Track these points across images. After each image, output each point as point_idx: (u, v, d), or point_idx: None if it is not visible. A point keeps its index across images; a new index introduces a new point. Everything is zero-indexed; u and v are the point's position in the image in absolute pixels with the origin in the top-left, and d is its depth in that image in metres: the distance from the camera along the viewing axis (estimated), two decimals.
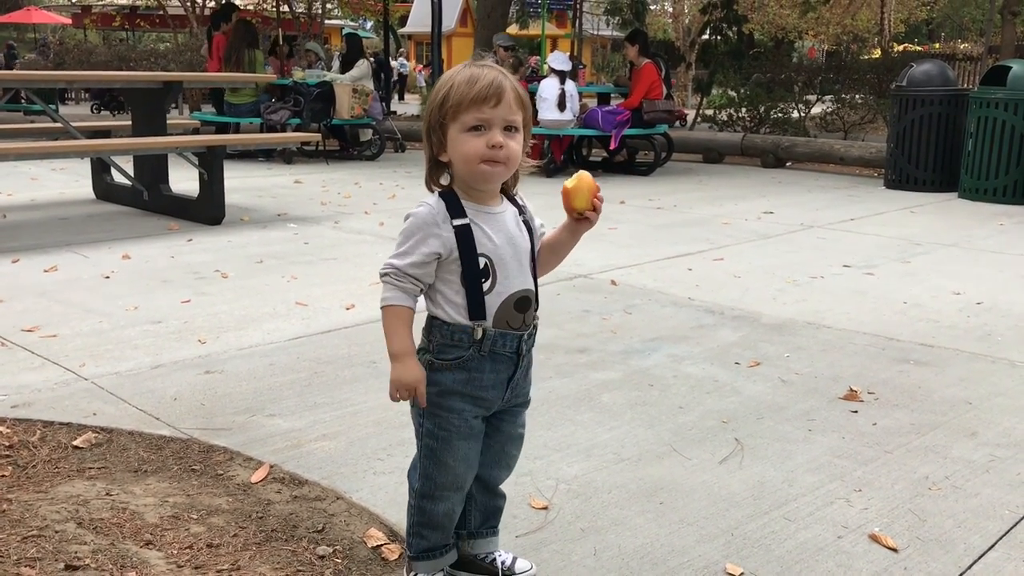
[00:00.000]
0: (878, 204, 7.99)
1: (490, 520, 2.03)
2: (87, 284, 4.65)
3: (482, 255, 1.78)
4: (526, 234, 1.86)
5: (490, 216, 1.81)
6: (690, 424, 2.97)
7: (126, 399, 3.07)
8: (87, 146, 6.52)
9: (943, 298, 4.67)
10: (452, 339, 1.81)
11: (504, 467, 1.99)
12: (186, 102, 16.31)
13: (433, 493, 1.88)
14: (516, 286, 1.82)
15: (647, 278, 4.99)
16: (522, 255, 1.83)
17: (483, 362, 1.81)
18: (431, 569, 1.95)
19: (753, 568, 2.11)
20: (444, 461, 1.85)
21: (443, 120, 1.75)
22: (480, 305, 1.79)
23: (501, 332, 1.81)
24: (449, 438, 1.84)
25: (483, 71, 1.74)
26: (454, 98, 1.72)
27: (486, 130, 1.73)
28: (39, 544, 2.06)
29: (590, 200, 1.84)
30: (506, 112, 1.73)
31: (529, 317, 1.85)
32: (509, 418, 1.93)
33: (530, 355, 1.90)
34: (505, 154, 1.74)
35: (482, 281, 1.78)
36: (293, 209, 7.22)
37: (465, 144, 1.73)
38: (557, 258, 1.97)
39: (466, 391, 1.82)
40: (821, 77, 14.37)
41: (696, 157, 11.82)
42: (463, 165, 1.75)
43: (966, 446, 2.83)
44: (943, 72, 8.96)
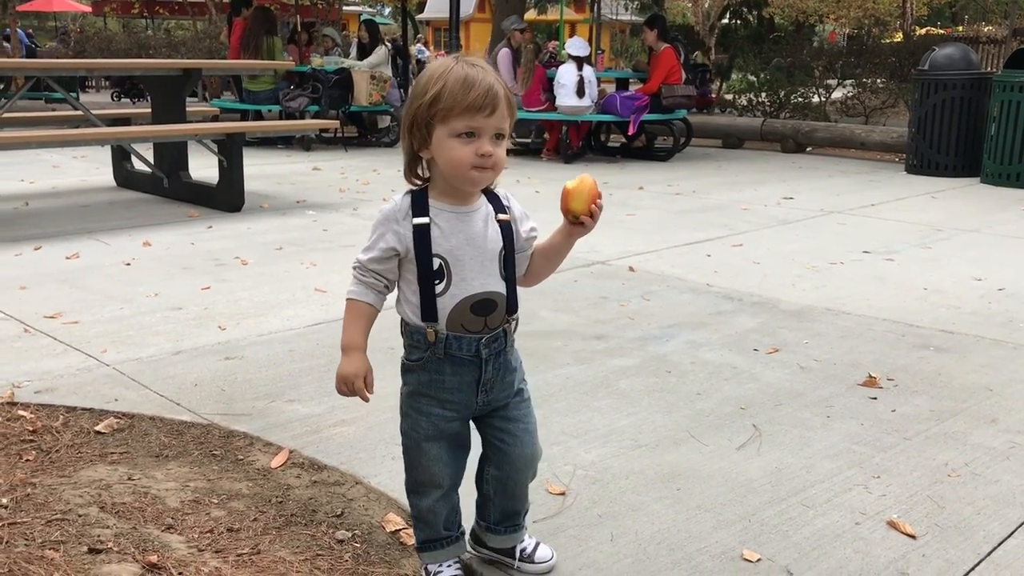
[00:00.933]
0: (899, 189, 7.92)
1: (511, 519, 1.99)
2: (108, 271, 4.70)
3: (437, 255, 1.74)
4: (498, 234, 1.79)
5: (455, 215, 1.76)
6: (708, 410, 2.97)
7: (147, 385, 3.10)
8: (107, 134, 6.56)
9: (964, 284, 4.63)
10: (413, 340, 1.81)
11: (518, 467, 1.92)
12: (206, 89, 16.37)
13: (416, 489, 1.91)
14: (475, 288, 1.76)
15: (665, 264, 4.98)
16: (487, 256, 1.78)
17: (442, 364, 1.79)
18: (435, 560, 1.95)
19: (770, 554, 2.11)
20: (418, 460, 1.87)
21: (431, 119, 1.69)
22: (432, 306, 1.76)
23: (456, 335, 1.77)
24: (418, 439, 1.85)
25: (477, 74, 1.67)
26: (446, 101, 1.67)
27: (476, 138, 1.68)
28: (63, 527, 2.09)
29: (588, 204, 1.76)
30: (498, 121, 1.69)
31: (493, 320, 1.80)
32: (500, 419, 1.89)
33: (501, 359, 1.83)
34: (493, 161, 1.70)
35: (435, 282, 1.75)
36: (312, 196, 7.25)
37: (453, 151, 1.69)
38: (551, 264, 1.91)
39: (431, 392, 1.82)
40: (842, 61, 14.22)
41: (715, 142, 11.76)
42: (450, 169, 1.72)
43: (986, 433, 2.81)
44: (966, 55, 8.86)
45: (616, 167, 9.51)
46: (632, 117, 9.62)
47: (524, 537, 2.03)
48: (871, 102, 13.92)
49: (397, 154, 10.51)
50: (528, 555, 2.02)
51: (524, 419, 1.91)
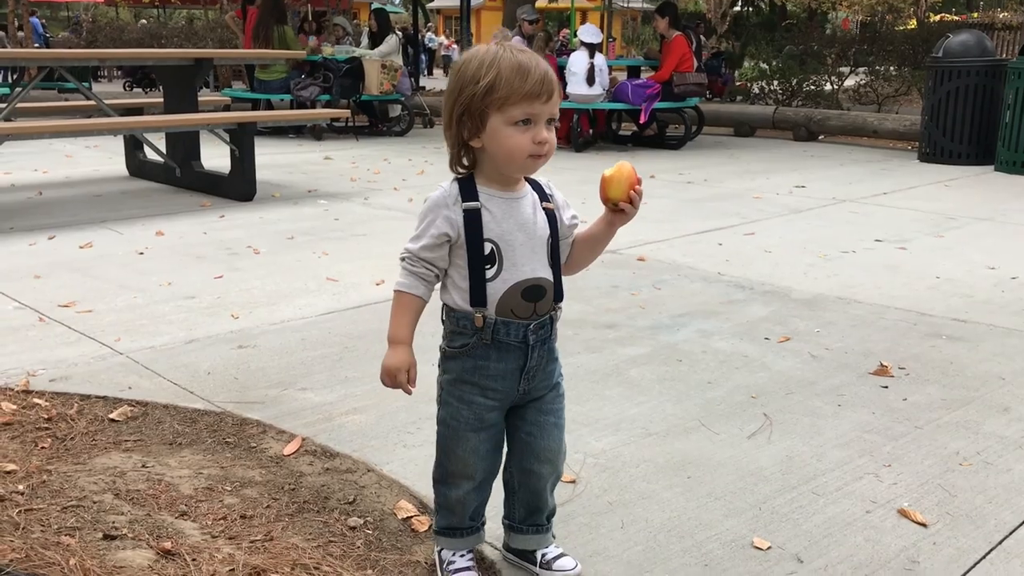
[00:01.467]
0: (912, 178, 7.88)
1: (534, 516, 1.97)
2: (122, 260, 4.72)
3: (488, 240, 1.73)
4: (545, 222, 1.79)
5: (504, 201, 1.76)
6: (719, 399, 2.97)
7: (161, 373, 3.12)
8: (120, 124, 6.59)
9: (977, 273, 4.61)
10: (458, 326, 1.79)
11: (544, 462, 1.90)
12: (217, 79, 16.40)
13: (445, 479, 1.89)
14: (526, 274, 1.76)
15: (677, 253, 4.97)
16: (537, 243, 1.77)
17: (488, 350, 1.78)
18: (453, 547, 1.94)
19: (781, 542, 2.12)
20: (453, 450, 1.86)
21: (485, 108, 1.67)
22: (482, 291, 1.75)
23: (504, 320, 1.76)
24: (458, 428, 1.83)
25: (530, 60, 1.68)
26: (502, 89, 1.65)
27: (532, 125, 1.68)
28: (78, 514, 2.12)
29: (627, 191, 1.76)
30: (552, 108, 1.70)
31: (542, 307, 1.79)
32: (534, 411, 1.88)
33: (547, 346, 1.83)
34: (548, 148, 1.71)
35: (486, 267, 1.74)
36: (323, 185, 7.26)
37: (511, 139, 1.68)
38: (593, 253, 1.91)
39: (474, 380, 1.80)
40: (855, 49, 14.14)
41: (727, 130, 11.72)
42: (505, 158, 1.71)
43: (998, 422, 2.81)
44: (980, 42, 8.79)
45: (627, 155, 9.49)
46: (643, 105, 9.59)
47: (549, 543, 1.99)
48: (884, 90, 13.84)
49: (408, 143, 10.53)
50: (548, 562, 1.97)
51: (556, 413, 1.90)
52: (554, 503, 2.00)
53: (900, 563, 2.04)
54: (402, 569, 1.99)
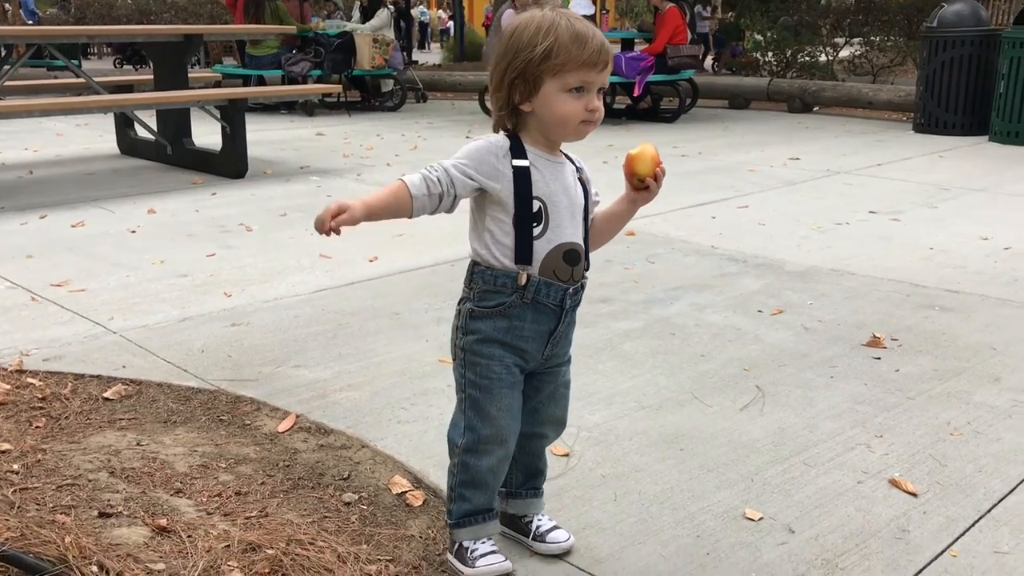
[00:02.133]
0: (906, 149, 7.87)
1: (532, 481, 2.00)
2: (114, 238, 4.71)
3: (537, 198, 1.74)
4: (580, 191, 1.83)
5: (550, 164, 1.78)
6: (711, 372, 2.98)
7: (154, 351, 3.12)
8: (110, 101, 6.54)
9: (970, 244, 4.62)
10: (495, 284, 1.77)
11: (549, 426, 1.95)
12: (208, 55, 16.28)
13: (477, 447, 1.83)
14: (567, 236, 1.78)
15: (670, 227, 4.97)
16: (576, 208, 1.80)
17: (525, 310, 1.77)
18: (474, 536, 1.89)
19: (772, 513, 2.13)
20: (487, 411, 1.81)
21: (541, 74, 1.69)
22: (528, 249, 1.75)
23: (546, 281, 1.77)
24: (491, 387, 1.80)
25: (588, 29, 1.69)
26: (561, 55, 1.67)
27: (585, 92, 1.71)
28: (73, 492, 2.12)
29: (653, 168, 1.82)
30: (606, 77, 1.73)
31: (578, 272, 1.81)
32: (550, 377, 1.90)
33: (574, 313, 1.85)
34: (598, 115, 1.74)
35: (533, 225, 1.75)
36: (315, 162, 7.23)
37: (564, 104, 1.70)
38: (612, 230, 1.93)
39: (506, 339, 1.78)
40: (850, 19, 14.06)
41: (722, 103, 11.68)
42: (557, 123, 1.72)
43: (989, 392, 2.82)
44: (975, 12, 8.75)
45: (621, 129, 9.46)
46: (637, 78, 9.55)
47: (543, 507, 2.02)
48: (879, 61, 13.77)
49: (401, 118, 10.48)
50: (541, 534, 1.98)
51: (567, 383, 1.94)
52: (547, 464, 2.03)
53: (890, 532, 2.06)
54: (397, 543, 2.01)
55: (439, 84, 13.63)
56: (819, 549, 2.00)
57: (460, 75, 13.89)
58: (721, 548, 2.00)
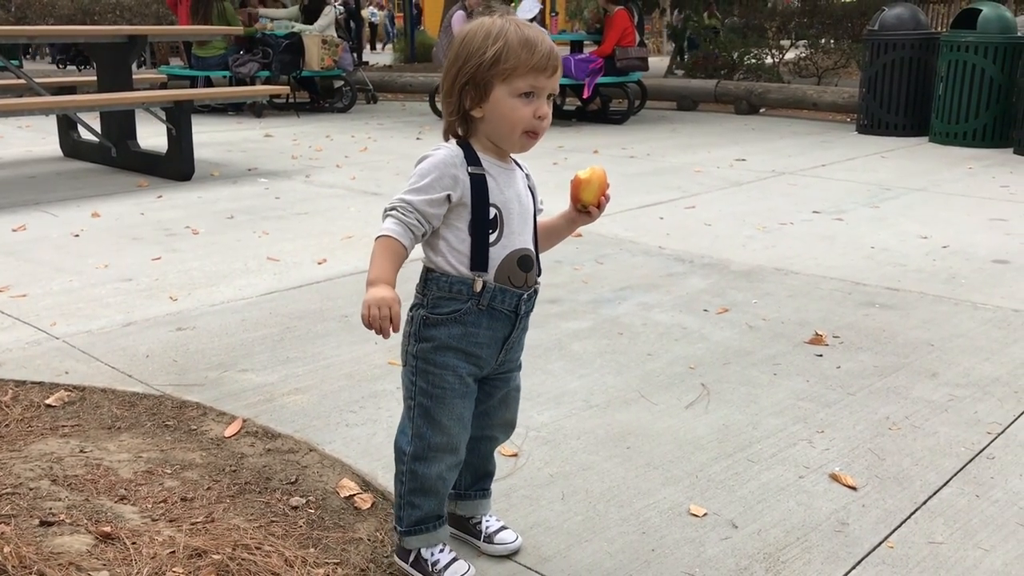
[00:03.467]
0: (849, 149, 8.03)
1: (481, 482, 2.01)
2: (56, 243, 4.63)
3: (493, 205, 1.75)
4: (529, 197, 1.84)
5: (503, 171, 1.79)
6: (658, 371, 3.02)
7: (98, 357, 3.08)
8: (52, 103, 6.42)
9: (910, 242, 4.73)
10: (450, 291, 1.76)
11: (500, 430, 1.97)
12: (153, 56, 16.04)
13: (426, 455, 1.82)
14: (520, 243, 1.80)
15: (618, 227, 5.02)
16: (527, 214, 1.82)
17: (480, 317, 1.77)
18: (425, 543, 1.88)
19: (716, 508, 2.17)
20: (439, 420, 1.80)
21: (491, 79, 1.70)
22: (484, 256, 1.75)
23: (501, 287, 1.77)
24: (444, 396, 1.79)
25: (537, 35, 1.71)
26: (510, 60, 1.68)
27: (535, 98, 1.71)
28: (13, 501, 2.09)
29: (599, 196, 1.84)
30: (555, 83, 1.73)
31: (531, 278, 1.82)
32: (501, 383, 1.90)
33: (528, 319, 1.86)
34: (546, 124, 1.74)
35: (489, 231, 1.76)
36: (264, 163, 7.17)
37: (514, 111, 1.71)
38: (548, 243, 1.94)
39: (460, 346, 1.78)
40: (795, 21, 14.31)
41: (670, 104, 11.80)
42: (506, 129, 1.73)
43: (926, 386, 2.90)
44: (915, 16, 8.95)
45: (571, 130, 9.51)
46: (586, 80, 9.61)
47: (488, 510, 2.03)
48: (824, 63, 14.03)
49: (351, 120, 10.42)
50: (490, 534, 2.00)
51: (518, 388, 1.95)
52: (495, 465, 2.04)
53: (831, 525, 2.11)
54: (345, 546, 2.01)
55: (389, 85, 13.58)
56: (761, 543, 2.04)
57: (411, 76, 13.86)
58: (666, 544, 2.03)
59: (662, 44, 23.05)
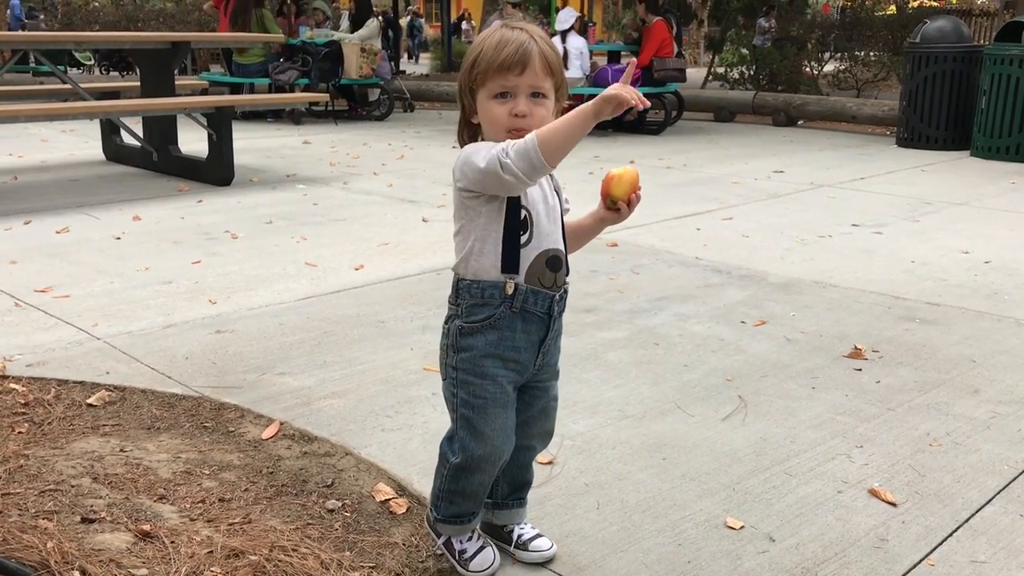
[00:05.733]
0: (889, 163, 7.94)
1: (518, 492, 2.01)
2: (98, 245, 4.70)
3: (524, 206, 1.77)
4: (556, 197, 1.85)
5: None
6: (694, 382, 3.00)
7: (138, 358, 3.12)
8: (96, 107, 6.53)
9: (951, 257, 4.66)
10: (483, 297, 1.77)
11: (539, 440, 1.97)
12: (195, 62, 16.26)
13: (469, 465, 1.83)
14: (549, 243, 1.80)
15: (655, 238, 5.00)
16: (554, 215, 1.82)
17: (514, 320, 1.78)
18: (459, 532, 1.94)
19: (753, 522, 2.15)
20: (482, 431, 1.80)
21: (472, 85, 1.75)
22: (515, 258, 1.76)
23: (533, 289, 1.78)
24: (485, 406, 1.79)
25: (512, 35, 1.71)
26: (482, 63, 1.71)
27: (512, 97, 1.72)
28: (56, 498, 2.12)
29: (629, 193, 1.83)
30: (532, 79, 1.71)
31: (560, 278, 1.83)
32: (541, 391, 1.91)
33: (560, 320, 1.87)
34: (528, 122, 1.71)
35: (520, 233, 1.77)
36: (302, 170, 7.24)
37: (491, 111, 1.73)
38: (576, 243, 1.94)
39: (498, 352, 1.78)
40: (835, 34, 14.18)
41: (707, 116, 11.75)
42: (491, 131, 1.75)
43: (968, 403, 2.85)
44: (957, 28, 8.85)
45: (607, 140, 9.50)
46: None
47: (523, 519, 2.03)
48: (863, 75, 13.90)
49: (388, 128, 10.49)
50: (524, 542, 2.00)
51: (556, 398, 1.96)
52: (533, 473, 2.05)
53: (869, 541, 2.08)
54: (380, 551, 2.01)
55: (427, 94, 13.66)
56: (799, 558, 2.01)
57: (448, 85, 13.93)
58: (702, 556, 2.01)
59: (699, 55, 22.97)
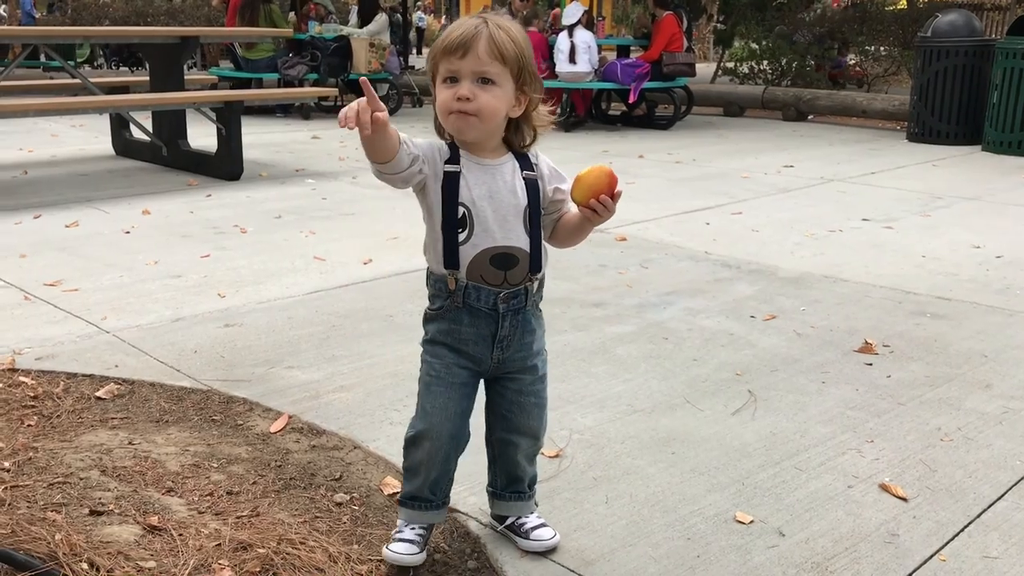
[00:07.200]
0: (900, 157, 7.90)
1: (515, 485, 2.00)
2: (108, 239, 4.70)
3: (462, 204, 1.77)
4: (524, 191, 1.80)
5: (481, 168, 1.79)
6: (704, 376, 2.99)
7: (147, 351, 3.12)
8: (106, 102, 6.54)
9: (962, 251, 4.64)
10: (435, 288, 1.84)
11: (518, 436, 1.94)
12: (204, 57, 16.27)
13: (412, 440, 1.89)
14: (495, 241, 1.78)
15: (664, 232, 4.98)
16: (510, 212, 1.78)
17: (460, 314, 1.81)
18: (412, 519, 1.92)
19: (763, 516, 2.14)
20: (422, 406, 1.87)
21: (433, 73, 1.78)
22: (454, 254, 1.78)
23: (475, 285, 1.79)
24: (429, 383, 1.85)
25: (465, 22, 1.74)
26: (434, 52, 1.75)
27: (459, 82, 1.72)
28: (64, 490, 2.12)
29: (588, 196, 1.73)
30: (474, 64, 1.70)
31: (514, 276, 1.80)
32: (512, 385, 1.90)
33: (521, 316, 1.83)
34: (475, 106, 1.70)
35: (458, 231, 1.78)
36: (311, 164, 7.24)
37: (439, 96, 1.75)
38: (572, 238, 1.89)
39: (447, 342, 1.84)
40: (845, 28, 14.10)
41: (716, 110, 11.71)
42: (440, 116, 1.77)
43: (980, 398, 2.83)
44: (969, 22, 8.79)
45: (616, 135, 9.48)
46: (633, 85, 9.57)
47: (532, 510, 2.02)
48: (873, 70, 13.82)
49: (396, 122, 10.32)
50: (526, 531, 1.99)
51: (537, 395, 1.93)
52: (534, 472, 2.02)
53: (880, 536, 2.06)
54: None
55: None
56: (809, 552, 2.00)
57: None
58: (712, 551, 2.01)
59: (708, 50, 22.88)
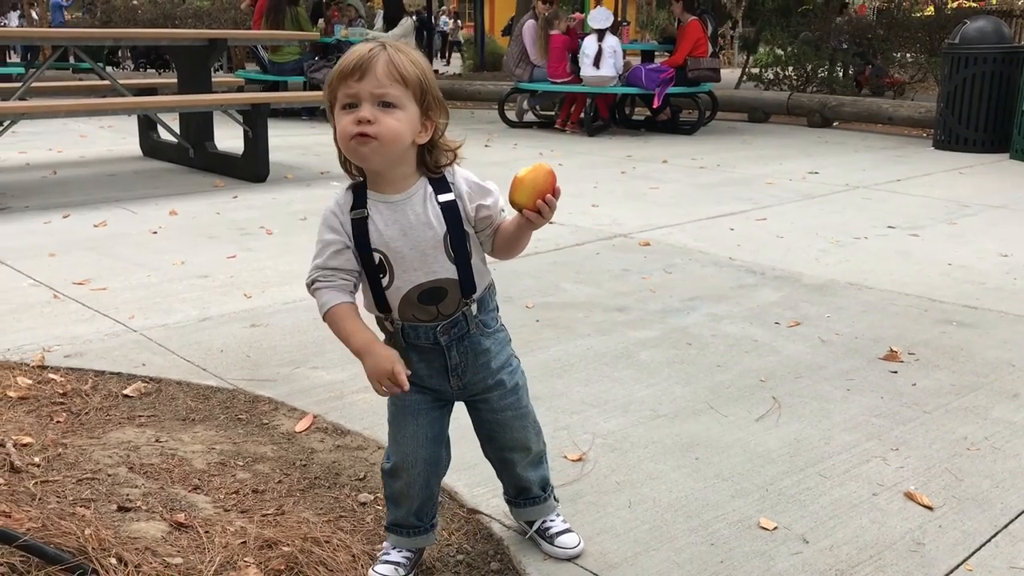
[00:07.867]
0: (926, 165, 7.84)
1: (525, 493, 1.99)
2: (135, 239, 4.75)
3: (376, 250, 1.69)
4: (440, 218, 1.69)
5: (389, 206, 1.69)
6: (728, 382, 2.98)
7: (174, 350, 3.15)
8: (134, 103, 6.61)
9: (989, 260, 4.60)
10: (380, 328, 1.80)
11: (511, 451, 1.92)
12: (231, 60, 16.41)
13: (389, 471, 1.87)
14: (418, 279, 1.70)
15: (688, 238, 4.97)
16: (427, 244, 1.69)
17: (408, 352, 1.76)
18: (399, 544, 1.90)
19: (787, 523, 2.13)
20: (394, 437, 1.85)
21: (331, 102, 1.65)
22: (382, 299, 1.73)
23: (411, 325, 1.75)
24: (397, 414, 1.83)
25: (365, 46, 1.62)
26: (331, 76, 1.63)
27: (356, 108, 1.61)
28: (93, 486, 2.15)
29: (533, 198, 1.63)
30: (373, 85, 1.59)
31: (446, 307, 1.74)
32: (484, 405, 1.86)
33: (466, 343, 1.78)
34: (375, 129, 1.59)
35: (380, 276, 1.71)
36: (336, 167, 7.18)
37: (339, 123, 1.63)
38: (512, 248, 1.77)
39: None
40: (871, 35, 14.03)
41: (741, 116, 11.67)
42: (342, 145, 1.65)
43: (1007, 407, 2.81)
44: (998, 29, 8.72)
45: (640, 140, 9.47)
46: (657, 90, 9.56)
47: (552, 510, 2.02)
48: (899, 77, 13.73)
49: None
50: (551, 536, 1.99)
51: (513, 407, 1.87)
52: (542, 475, 2.00)
53: (905, 545, 2.05)
54: None
55: (459, 93, 13.67)
56: (833, 560, 1.99)
57: (480, 84, 13.94)
58: (735, 556, 2.00)
59: (733, 56, 22.81)
